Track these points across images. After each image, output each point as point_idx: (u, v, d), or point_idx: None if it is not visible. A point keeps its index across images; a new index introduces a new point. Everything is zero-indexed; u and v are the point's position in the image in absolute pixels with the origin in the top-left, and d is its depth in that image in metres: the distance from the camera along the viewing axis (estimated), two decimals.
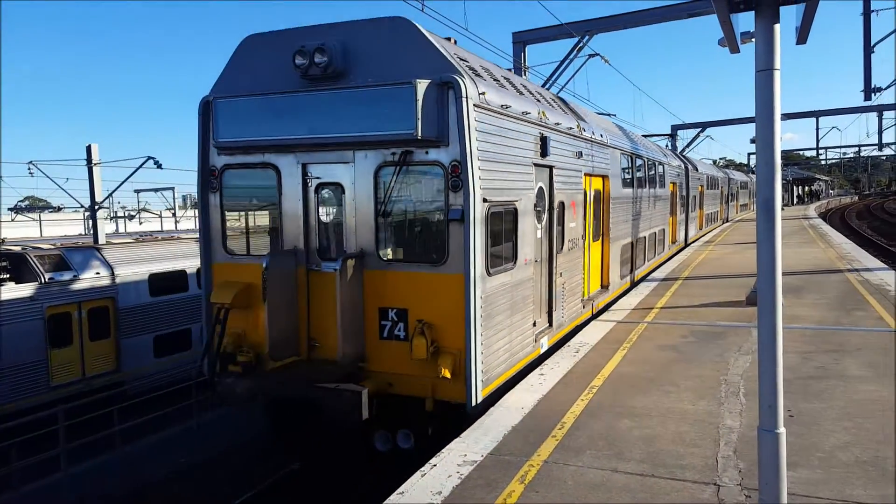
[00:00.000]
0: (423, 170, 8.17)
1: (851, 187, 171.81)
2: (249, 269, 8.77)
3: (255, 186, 9.24)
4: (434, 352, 7.95)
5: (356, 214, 8.46)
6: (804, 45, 4.25)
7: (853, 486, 5.41)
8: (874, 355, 9.27)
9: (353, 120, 7.94)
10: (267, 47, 8.80)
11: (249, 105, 8.46)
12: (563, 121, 11.31)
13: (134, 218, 40.45)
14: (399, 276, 8.28)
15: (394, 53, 8.13)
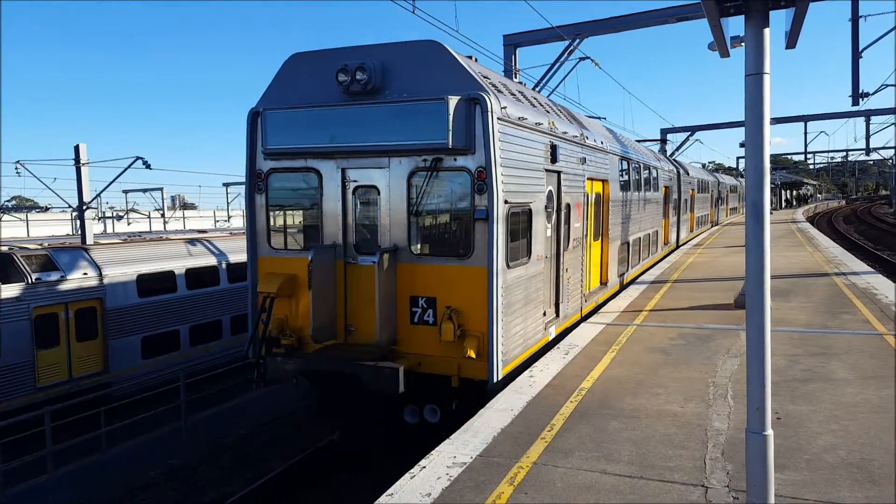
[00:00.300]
0: (452, 175, 9.14)
1: (839, 191, 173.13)
2: (291, 262, 9.92)
3: (298, 188, 10.22)
4: (460, 335, 8.95)
5: (390, 213, 9.46)
6: (793, 50, 4.28)
7: (839, 487, 5.45)
8: (860, 358, 9.34)
9: (389, 130, 9.02)
10: (310, 65, 9.82)
11: (295, 116, 9.52)
12: (569, 130, 12.30)
13: (122, 218, 40.21)
14: (428, 268, 9.29)
15: (426, 72, 9.16)
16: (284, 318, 9.94)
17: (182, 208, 57.29)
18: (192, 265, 19.15)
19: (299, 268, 9.58)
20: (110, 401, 13.94)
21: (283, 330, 9.89)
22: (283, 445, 12.42)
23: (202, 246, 20.18)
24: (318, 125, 9.40)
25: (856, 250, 35.78)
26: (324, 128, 9.37)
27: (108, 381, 16.08)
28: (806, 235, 32.82)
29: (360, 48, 9.54)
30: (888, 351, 9.66)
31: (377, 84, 9.22)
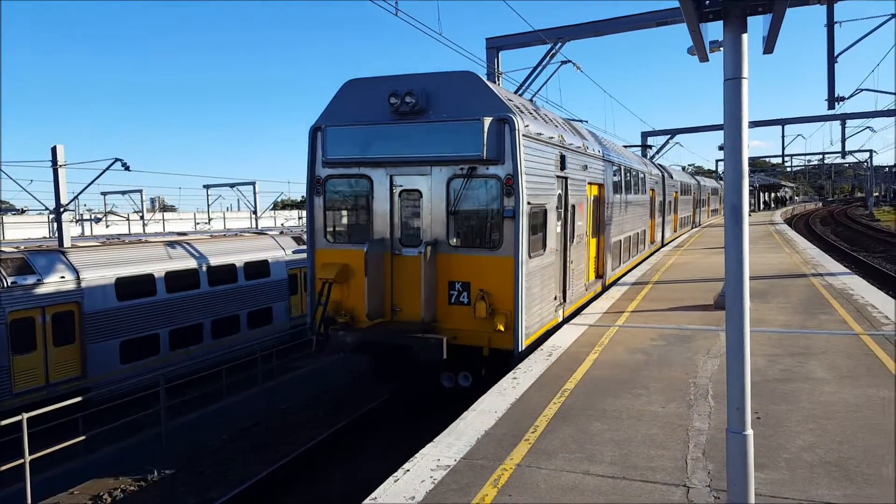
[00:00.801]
0: (484, 181, 10.94)
1: (816, 194, 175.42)
2: (345, 254, 11.68)
3: (351, 191, 12.01)
4: (491, 313, 10.79)
5: (431, 213, 11.26)
6: (770, 55, 4.34)
7: (818, 486, 5.53)
8: (837, 358, 9.48)
9: (432, 144, 10.88)
10: (364, 89, 11.58)
11: (352, 132, 11.32)
12: (573, 141, 14.09)
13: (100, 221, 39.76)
14: (463, 258, 11.12)
15: (463, 96, 10.99)
16: (339, 301, 11.71)
17: (161, 211, 56.80)
18: (171, 268, 18.99)
19: (352, 258, 11.44)
20: (89, 406, 13.76)
21: (338, 310, 11.65)
22: (265, 450, 12.35)
23: (182, 249, 20.02)
24: (371, 139, 11.23)
25: (832, 251, 36.29)
26: (376, 141, 11.23)
27: (86, 386, 15.89)
28: (784, 237, 33.22)
29: (407, 76, 11.39)
30: (864, 351, 9.81)
31: (422, 106, 11.01)
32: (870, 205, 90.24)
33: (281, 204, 78.87)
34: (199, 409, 15.29)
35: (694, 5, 3.83)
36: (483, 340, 10.91)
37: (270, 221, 56.86)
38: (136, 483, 11.01)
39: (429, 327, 10.94)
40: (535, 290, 11.43)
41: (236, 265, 21.29)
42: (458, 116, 10.78)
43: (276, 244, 23.57)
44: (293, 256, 23.70)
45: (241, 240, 23.06)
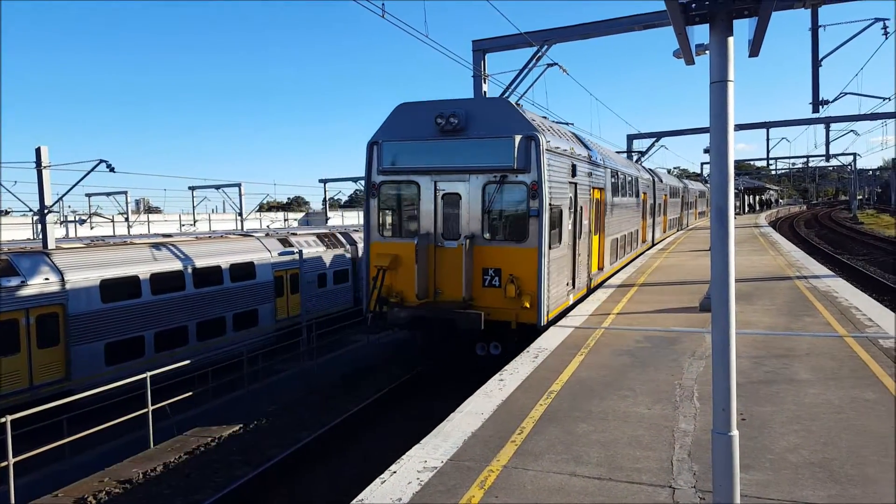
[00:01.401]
0: (513, 186, 13.20)
1: (800, 197, 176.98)
2: (395, 246, 13.98)
3: (402, 194, 14.21)
4: (518, 294, 13.00)
5: (468, 212, 13.49)
6: (755, 59, 4.37)
7: (802, 486, 5.57)
8: (821, 360, 9.56)
9: (471, 156, 13.27)
10: (413, 111, 13.86)
11: (404, 146, 13.73)
12: (581, 152, 16.24)
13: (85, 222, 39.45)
14: (495, 249, 13.38)
15: (496, 118, 13.33)
16: (390, 285, 13.90)
17: (146, 212, 56.43)
18: (157, 270, 18.87)
19: (401, 250, 13.83)
20: (73, 408, 13.63)
21: (389, 293, 13.88)
22: (251, 452, 12.27)
23: (167, 250, 19.89)
24: (419, 152, 13.63)
25: (816, 254, 36.61)
26: (423, 154, 13.61)
27: (70, 388, 15.74)
28: (769, 240, 33.47)
29: (450, 101, 13.64)
30: (848, 353, 9.90)
31: (463, 125, 13.29)
32: (853, 208, 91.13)
33: (267, 206, 78.56)
34: (183, 411, 15.19)
35: (680, 8, 3.86)
36: (511, 316, 13.15)
37: (256, 223, 56.62)
38: (121, 485, 10.90)
39: (467, 305, 13.20)
40: (554, 276, 13.68)
41: (222, 267, 21.18)
42: (493, 134, 13.15)
43: (261, 246, 23.47)
44: (279, 258, 23.61)
45: (227, 241, 22.95)
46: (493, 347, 13.56)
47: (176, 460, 11.94)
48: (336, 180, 36.92)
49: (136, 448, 12.69)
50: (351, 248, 28.38)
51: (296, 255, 24.52)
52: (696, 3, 3.88)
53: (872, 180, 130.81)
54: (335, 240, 27.88)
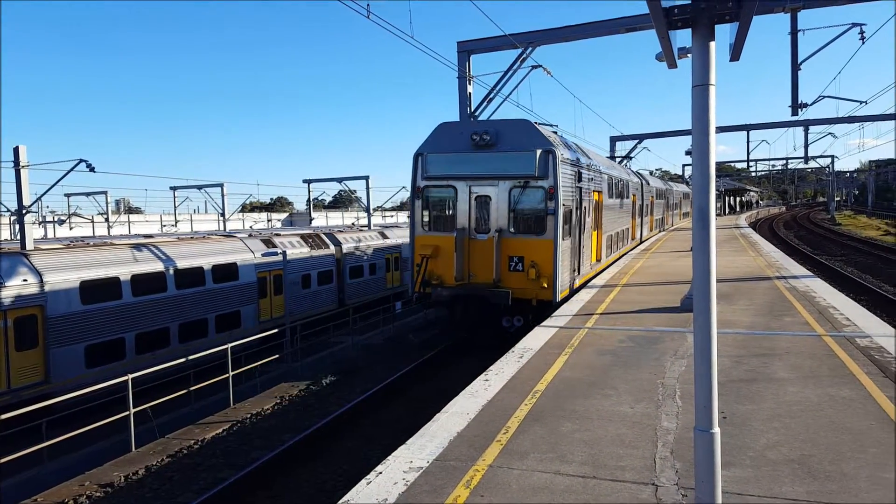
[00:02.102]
0: (534, 190, 16.25)
1: (779, 198, 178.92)
2: (436, 238, 17.13)
3: (441, 196, 17.32)
4: (536, 276, 16.08)
5: (497, 211, 16.56)
6: (735, 62, 4.45)
7: (782, 483, 5.66)
8: (800, 359, 9.70)
9: (500, 166, 16.34)
10: (452, 129, 17.17)
11: (445, 157, 16.87)
12: (585, 161, 19.22)
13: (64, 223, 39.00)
14: (519, 240, 16.43)
15: (520, 135, 16.40)
16: (432, 270, 17.00)
17: (127, 212, 55.90)
18: (138, 271, 18.72)
19: (441, 241, 16.96)
20: (53, 411, 13.49)
21: (430, 277, 16.99)
22: (235, 454, 12.22)
23: (148, 251, 19.74)
24: (457, 162, 16.77)
25: (795, 255, 37.10)
26: (460, 164, 16.77)
27: (50, 391, 15.57)
28: (748, 240, 33.83)
29: (482, 121, 17.84)
30: (826, 351, 10.05)
31: (493, 141, 16.38)
32: (831, 209, 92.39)
33: (250, 206, 78.12)
34: (165, 414, 15.09)
35: (663, 13, 3.92)
36: (532, 294, 16.22)
37: (239, 224, 56.28)
38: (102, 489, 10.81)
39: (496, 285, 16.29)
40: (565, 263, 16.78)
41: (204, 268, 21.05)
42: (518, 148, 16.18)
43: (244, 247, 23.35)
44: (262, 259, 23.51)
45: (209, 242, 22.81)
46: (516, 320, 16.37)
47: (158, 463, 11.86)
48: (320, 181, 36.74)
49: (117, 451, 12.59)
50: (335, 248, 28.31)
51: (279, 255, 24.43)
52: (678, 7, 3.94)
53: (850, 182, 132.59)
54: (319, 241, 27.80)
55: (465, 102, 29.87)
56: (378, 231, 32.98)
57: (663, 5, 3.91)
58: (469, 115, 29.91)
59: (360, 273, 29.91)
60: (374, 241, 31.45)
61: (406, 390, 15.82)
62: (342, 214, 76.32)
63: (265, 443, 12.73)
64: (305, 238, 27.19)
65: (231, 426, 13.69)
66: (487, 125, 16.82)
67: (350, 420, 13.67)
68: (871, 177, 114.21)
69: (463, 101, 29.87)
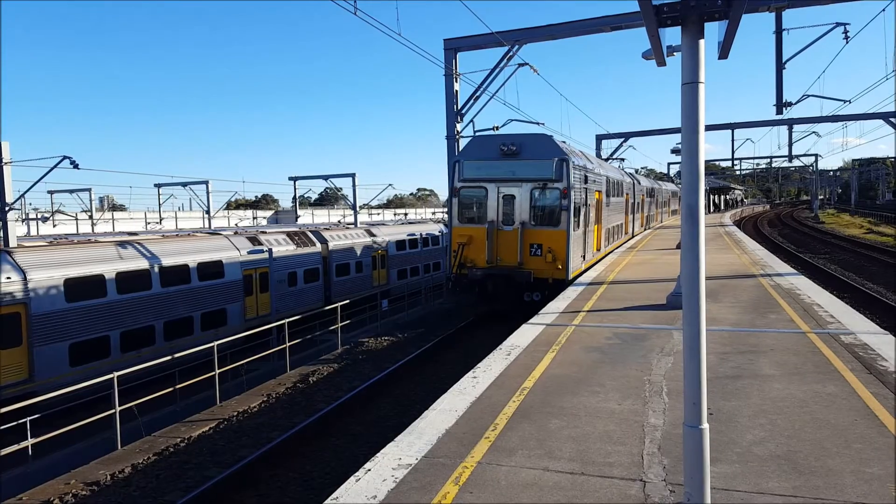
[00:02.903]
0: (551, 190, 19.74)
1: (763, 196, 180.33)
2: (470, 230, 20.49)
3: (474, 195, 20.67)
4: (553, 259, 19.49)
5: (520, 207, 20.00)
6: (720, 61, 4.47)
7: (768, 478, 5.71)
8: (785, 355, 9.79)
9: (523, 171, 19.79)
10: (483, 140, 21.21)
11: (477, 164, 20.39)
12: (589, 165, 22.97)
13: (48, 220, 38.61)
14: (538, 231, 19.80)
15: (540, 146, 19.93)
16: (466, 255, 20.52)
17: (111, 210, 55.42)
18: (122, 269, 18.57)
19: (474, 232, 20.45)
20: (37, 410, 13.35)
21: (465, 261, 20.46)
22: (222, 452, 12.16)
23: (133, 249, 19.58)
24: (488, 167, 20.33)
25: (780, 252, 37.41)
26: (490, 169, 20.30)
27: (34, 389, 15.42)
28: (733, 238, 34.08)
29: (509, 135, 20.92)
30: (811, 348, 10.15)
31: (518, 151, 19.91)
32: (815, 207, 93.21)
33: (235, 203, 77.69)
34: (151, 412, 14.98)
35: (654, 10, 3.93)
36: (549, 274, 19.68)
37: (224, 222, 55.95)
38: (87, 487, 10.72)
39: (520, 267, 19.91)
40: (575, 249, 20.35)
41: (189, 266, 20.92)
42: (538, 157, 19.81)
43: (230, 244, 23.22)
44: (248, 257, 23.40)
45: (195, 240, 22.66)
46: (535, 295, 19.61)
47: (144, 461, 11.78)
48: (306, 178, 36.59)
49: (103, 449, 12.48)
50: (322, 246, 28.22)
51: (265, 253, 24.32)
52: (668, 5, 3.96)
53: (833, 181, 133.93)
54: (306, 238, 27.69)
55: (451, 100, 29.88)
56: (365, 229, 32.91)
57: (653, 3, 3.92)
58: (455, 112, 29.91)
59: (347, 271, 29.84)
60: (361, 240, 31.39)
61: (393, 388, 15.81)
62: (328, 212, 76.07)
63: (252, 441, 12.67)
64: (292, 236, 27.09)
65: (218, 424, 13.62)
66: (513, 138, 20.36)
67: (338, 418, 13.64)
68: (854, 175, 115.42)
69: (450, 98, 29.88)
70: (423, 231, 37.24)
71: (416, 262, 35.57)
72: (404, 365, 17.30)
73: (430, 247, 37.16)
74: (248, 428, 13.48)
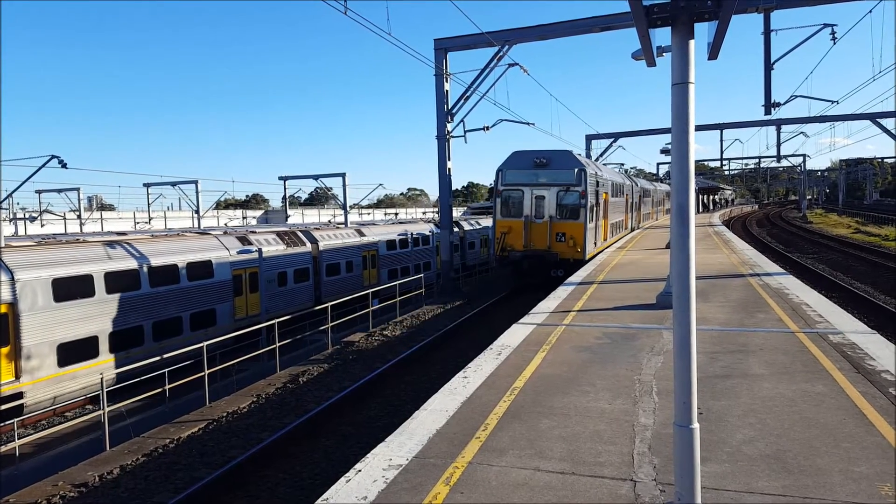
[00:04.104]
0: (573, 193, 25.81)
1: (752, 196, 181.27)
2: (509, 222, 26.41)
3: (513, 196, 26.51)
4: (573, 244, 25.69)
5: (549, 205, 26.10)
6: (711, 62, 4.48)
7: (758, 478, 5.73)
8: (774, 355, 9.84)
9: (552, 178, 26.09)
10: (521, 154, 26.72)
11: (516, 172, 26.49)
12: (599, 173, 29.04)
13: (35, 220, 38.32)
14: (563, 223, 25.91)
15: (565, 159, 26.56)
16: (507, 242, 26.11)
17: (100, 209, 55.07)
18: (111, 268, 18.45)
19: (513, 224, 26.12)
20: (24, 411, 13.26)
21: (505, 246, 26.10)
22: (211, 453, 12.10)
23: (122, 249, 19.46)
24: (524, 175, 26.09)
25: (768, 252, 37.61)
26: (526, 176, 26.08)
27: (21, 390, 15.30)
28: (722, 238, 34.25)
29: (541, 150, 26.38)
30: (799, 347, 10.21)
31: (547, 162, 25.95)
32: (803, 207, 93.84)
33: (224, 203, 77.39)
34: (139, 413, 14.89)
35: (644, 11, 3.94)
36: (570, 255, 25.50)
37: (214, 221, 55.69)
38: (76, 489, 10.64)
39: (548, 250, 25.79)
40: (590, 237, 26.13)
41: (178, 266, 20.82)
42: (563, 168, 25.81)
43: (219, 244, 23.12)
44: (238, 257, 23.30)
45: (184, 240, 22.54)
46: (559, 272, 24.74)
47: (133, 463, 11.70)
48: (296, 178, 36.44)
49: (91, 451, 12.40)
50: (312, 246, 28.14)
51: (255, 253, 24.23)
52: (658, 6, 3.96)
53: (821, 181, 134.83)
54: (296, 238, 27.61)
55: (442, 100, 29.88)
56: (355, 229, 32.85)
57: (644, 3, 3.93)
58: (446, 112, 29.90)
59: (338, 271, 29.78)
60: (352, 239, 31.32)
61: (384, 388, 15.78)
62: (318, 212, 75.87)
63: (242, 441, 12.61)
64: (282, 235, 27.00)
65: (207, 425, 13.55)
66: (544, 153, 26.46)
67: (328, 418, 13.60)
68: (842, 176, 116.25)
69: (440, 98, 29.88)
70: (413, 231, 37.21)
71: (406, 262, 35.54)
72: (395, 365, 17.28)
73: (420, 246, 37.13)
74: (238, 429, 13.42)
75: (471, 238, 42.71)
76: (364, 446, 10.73)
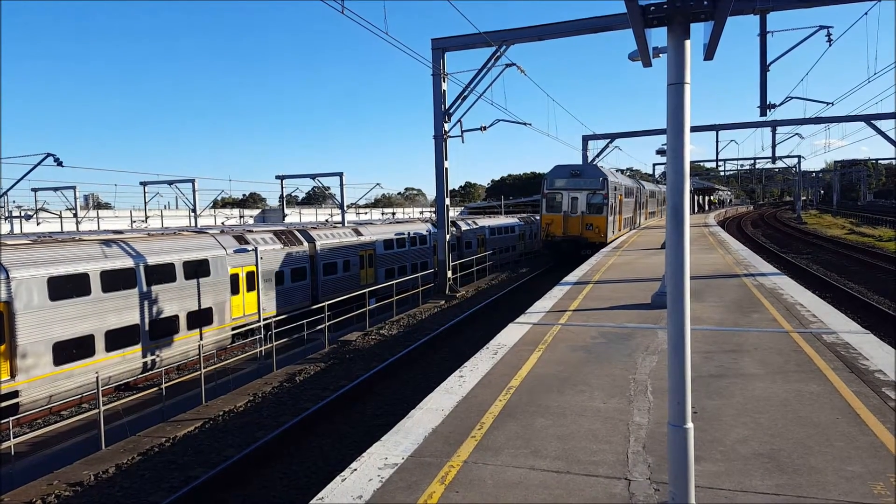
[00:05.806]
0: (599, 195, 36.38)
1: (747, 197, 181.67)
2: (553, 216, 37.19)
3: (555, 198, 37.28)
4: (598, 232, 36.23)
5: (581, 203, 36.74)
6: (703, 63, 4.51)
7: (752, 477, 5.76)
8: (768, 354, 9.88)
9: (583, 185, 36.86)
10: (561, 167, 37.74)
11: (557, 180, 37.43)
12: (615, 179, 39.50)
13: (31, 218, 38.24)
14: (591, 217, 36.45)
15: (593, 171, 37.83)
16: (549, 230, 37.14)
17: (96, 208, 54.97)
18: (107, 267, 18.42)
19: (555, 217, 36.97)
20: (20, 409, 13.23)
21: (549, 233, 37.18)
22: (207, 452, 12.10)
23: (118, 247, 19.43)
24: (563, 182, 37.04)
25: (763, 252, 37.73)
26: (565, 182, 37.00)
27: (16, 389, 15.26)
28: (717, 238, 34.34)
29: (576, 165, 39.25)
30: (793, 347, 10.25)
31: (580, 173, 37.10)
32: (798, 208, 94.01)
33: (222, 202, 77.27)
34: (137, 411, 14.88)
35: (640, 11, 3.96)
36: (596, 239, 35.15)
37: (211, 220, 55.60)
38: (71, 488, 10.64)
39: (581, 236, 35.81)
40: (610, 228, 36.30)
41: (175, 264, 20.79)
42: (591, 177, 36.45)
43: (216, 243, 23.09)
44: (235, 256, 23.27)
45: (181, 238, 22.51)
46: (588, 252, 31.28)
47: (129, 461, 11.70)
48: (294, 177, 36.39)
49: (87, 449, 12.39)
50: (309, 245, 28.12)
51: (252, 252, 24.20)
52: (654, 6, 3.99)
53: (816, 182, 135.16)
54: (293, 237, 27.59)
55: (439, 100, 29.89)
56: (352, 228, 32.83)
57: (640, 3, 3.95)
58: (443, 112, 29.91)
59: (335, 270, 29.76)
60: (349, 239, 31.31)
61: (380, 387, 15.80)
62: (316, 211, 75.80)
63: (238, 440, 12.62)
64: (279, 235, 26.97)
65: (203, 424, 13.55)
66: (577, 166, 37.52)
67: (324, 417, 13.61)
68: (837, 177, 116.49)
69: (437, 98, 29.89)
70: (410, 230, 37.20)
71: (403, 262, 35.53)
72: (391, 364, 17.29)
73: (417, 246, 37.13)
74: (234, 427, 13.43)
75: (467, 238, 42.72)
76: (361, 445, 10.74)
